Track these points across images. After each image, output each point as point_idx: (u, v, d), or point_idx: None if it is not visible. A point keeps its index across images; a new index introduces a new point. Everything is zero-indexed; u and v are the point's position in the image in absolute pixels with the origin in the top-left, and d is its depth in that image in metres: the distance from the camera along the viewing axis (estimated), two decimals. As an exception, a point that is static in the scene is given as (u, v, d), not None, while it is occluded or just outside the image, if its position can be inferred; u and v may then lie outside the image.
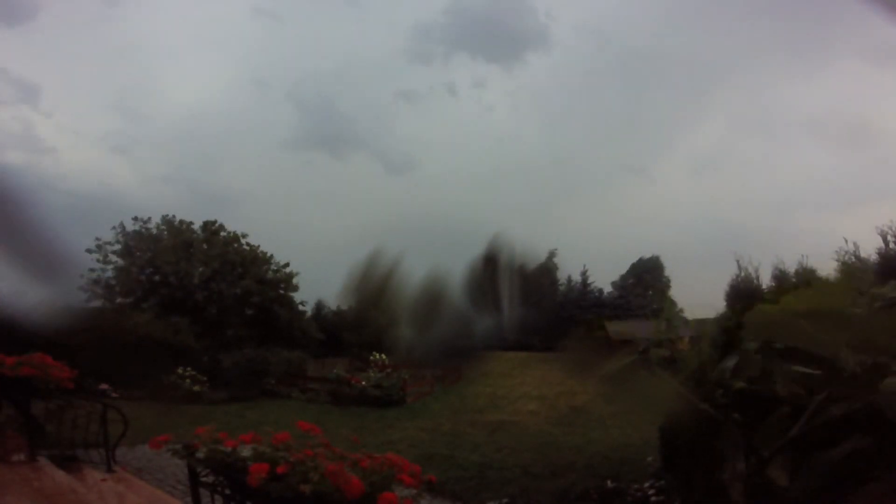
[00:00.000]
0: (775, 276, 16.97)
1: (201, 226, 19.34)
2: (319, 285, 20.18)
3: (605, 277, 36.74)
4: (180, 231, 18.76)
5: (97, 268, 17.20)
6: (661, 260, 36.22)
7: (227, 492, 2.22)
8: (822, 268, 16.62)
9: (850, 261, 16.01)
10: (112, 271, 17.50)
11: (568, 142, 37.84)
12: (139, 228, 18.32)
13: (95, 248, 17.29)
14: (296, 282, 20.29)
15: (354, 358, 18.17)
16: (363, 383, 13.72)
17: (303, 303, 21.28)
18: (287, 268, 20.30)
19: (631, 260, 37.21)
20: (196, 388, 13.34)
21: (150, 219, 18.58)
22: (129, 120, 32.90)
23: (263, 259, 19.90)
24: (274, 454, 1.98)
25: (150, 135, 33.02)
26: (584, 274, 36.47)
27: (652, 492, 4.77)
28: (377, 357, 15.77)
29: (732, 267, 20.58)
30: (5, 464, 4.16)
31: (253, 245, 19.88)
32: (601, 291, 37.02)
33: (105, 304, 16.96)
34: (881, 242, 15.69)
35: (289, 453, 1.99)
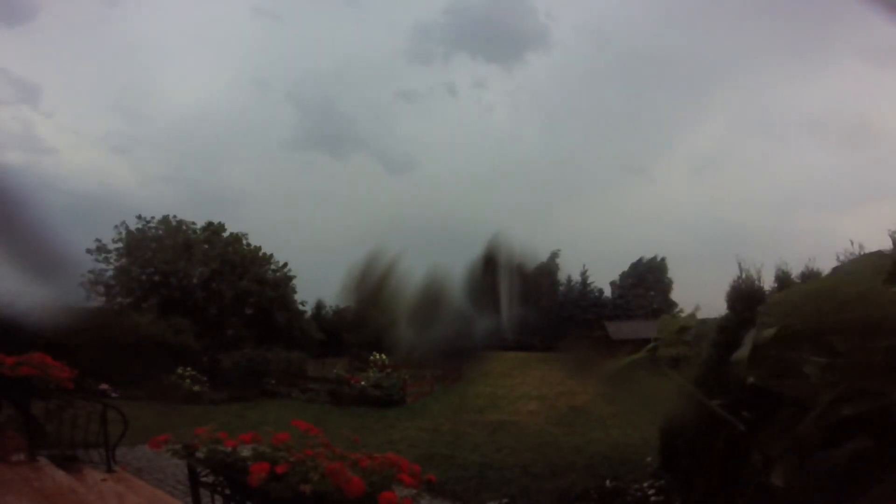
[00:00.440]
0: (778, 278, 16.89)
1: (203, 226, 19.36)
2: (319, 285, 20.20)
3: (605, 277, 36.77)
4: (181, 231, 18.77)
5: (97, 268, 17.25)
6: (665, 261, 36.22)
7: (227, 492, 2.22)
8: (825, 270, 16.55)
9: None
10: (112, 271, 17.52)
11: (568, 142, 37.88)
12: (142, 227, 18.35)
13: (95, 250, 17.32)
14: (294, 283, 20.33)
15: (354, 358, 18.15)
16: (363, 383, 13.72)
17: (303, 303, 21.33)
18: (286, 268, 20.34)
19: (631, 260, 37.24)
20: (196, 388, 13.34)
21: (153, 218, 18.64)
22: (130, 120, 32.93)
23: (263, 259, 19.92)
24: (274, 454, 1.98)
25: (151, 135, 33.05)
26: (584, 274, 36.51)
27: (652, 492, 4.77)
28: (377, 357, 15.76)
29: (733, 267, 20.49)
30: (5, 464, 4.15)
31: (254, 246, 19.91)
32: (601, 291, 37.05)
33: (105, 304, 16.98)
34: (889, 244, 15.51)
35: (289, 453, 1.99)
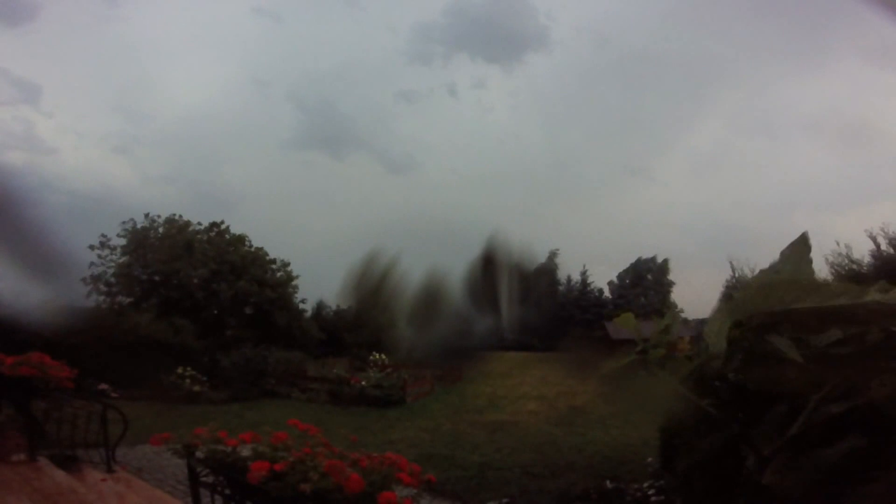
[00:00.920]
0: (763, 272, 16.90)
1: (207, 227, 19.36)
2: (319, 285, 20.24)
3: (605, 277, 36.77)
4: (185, 231, 18.77)
5: (99, 263, 17.26)
6: (667, 262, 36.22)
7: (227, 491, 2.22)
8: (818, 269, 16.57)
9: (843, 263, 15.98)
10: (114, 269, 17.52)
11: (568, 142, 37.86)
12: (148, 226, 18.34)
13: (99, 245, 17.34)
14: (295, 283, 20.34)
15: (354, 358, 18.16)
16: (363, 383, 13.72)
17: (303, 301, 21.34)
18: (288, 268, 20.35)
19: (631, 260, 37.28)
20: (196, 388, 13.33)
21: (159, 216, 18.67)
22: (130, 120, 32.97)
23: (263, 260, 19.91)
24: (273, 454, 1.99)
25: (151, 135, 33.07)
26: (583, 274, 36.53)
27: (652, 492, 4.78)
28: (377, 357, 15.76)
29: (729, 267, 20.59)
30: (5, 464, 4.16)
31: (256, 248, 19.90)
32: (601, 291, 37.06)
33: (105, 304, 16.98)
34: (873, 245, 15.64)
35: (288, 453, 1.99)
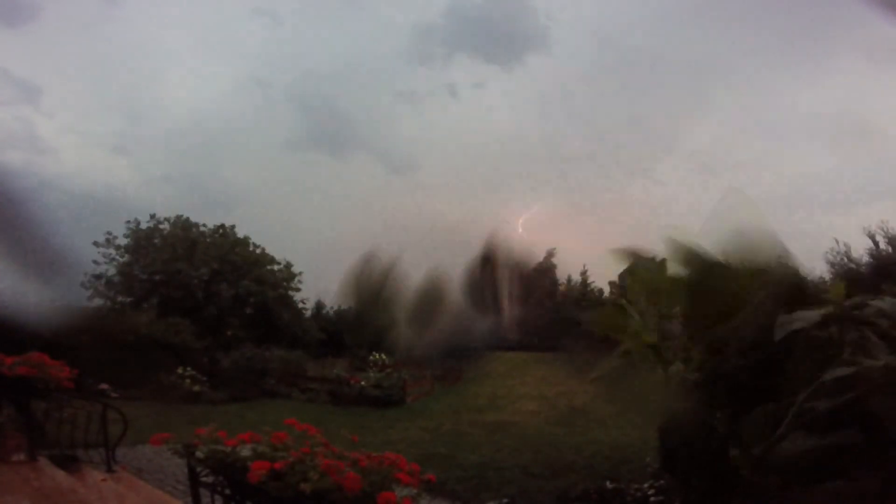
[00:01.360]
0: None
1: (213, 229, 19.31)
2: (319, 285, 20.16)
3: (605, 277, 36.70)
4: (190, 232, 18.74)
5: (102, 262, 17.22)
6: (665, 262, 36.17)
7: (227, 491, 2.22)
8: (817, 268, 16.59)
9: (842, 262, 15.95)
10: (115, 268, 17.50)
11: (568, 142, 37.83)
12: (153, 226, 18.30)
13: (105, 243, 17.28)
14: (297, 281, 20.31)
15: (354, 358, 18.14)
16: (363, 383, 13.71)
17: (303, 302, 21.31)
18: (290, 268, 20.30)
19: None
20: (196, 388, 13.31)
21: (166, 220, 18.59)
22: (130, 120, 32.82)
23: (265, 260, 19.88)
24: (273, 454, 1.99)
25: (151, 135, 32.94)
26: (583, 274, 36.48)
27: (652, 492, 4.77)
28: (377, 357, 15.75)
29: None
30: (5, 464, 4.15)
31: (260, 251, 19.86)
32: (601, 291, 37.00)
33: (106, 303, 16.96)
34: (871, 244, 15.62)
35: (288, 453, 1.99)
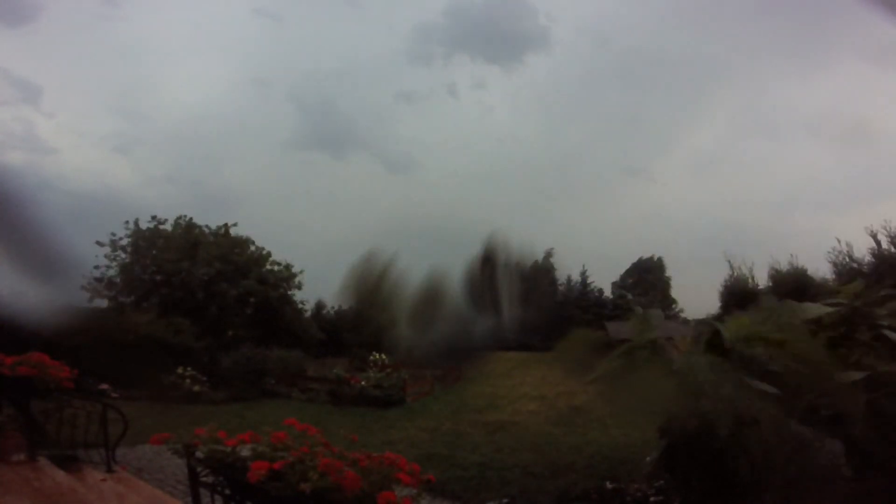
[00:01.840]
0: (771, 276, 16.97)
1: (215, 229, 19.30)
2: (319, 285, 20.18)
3: (605, 277, 36.70)
4: (192, 232, 18.73)
5: (102, 264, 17.21)
6: (662, 261, 36.20)
7: (227, 491, 2.22)
8: (817, 268, 16.61)
9: (844, 261, 15.99)
10: (116, 269, 17.49)
11: (568, 142, 37.83)
12: (154, 227, 18.29)
13: (109, 243, 17.28)
14: (299, 280, 20.33)
15: (354, 358, 18.15)
16: (363, 383, 13.71)
17: (303, 302, 21.33)
18: (291, 268, 20.32)
19: (631, 260, 37.21)
20: (196, 388, 13.32)
21: (166, 220, 18.60)
22: (131, 120, 32.86)
23: (265, 260, 19.89)
24: (273, 454, 1.99)
25: (151, 135, 32.96)
26: (583, 274, 36.48)
27: (651, 492, 4.78)
28: (377, 357, 15.75)
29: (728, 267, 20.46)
30: (5, 464, 4.16)
31: (263, 252, 19.87)
32: (601, 291, 37.01)
33: (106, 303, 16.95)
34: (874, 243, 15.67)
35: (288, 453, 2.00)
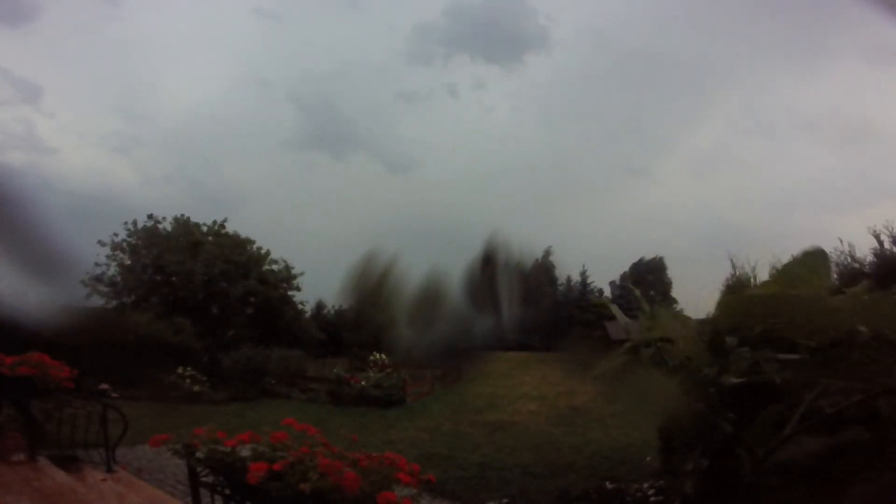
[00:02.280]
0: (772, 276, 16.94)
1: (210, 225, 19.32)
2: (319, 285, 20.21)
3: (605, 277, 36.75)
4: (189, 230, 18.72)
5: (103, 263, 17.20)
6: (663, 261, 36.22)
7: (227, 492, 2.22)
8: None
9: (846, 261, 15.98)
10: (116, 269, 17.49)
11: (568, 142, 37.86)
12: (151, 226, 18.28)
13: (111, 244, 17.27)
14: (298, 282, 20.34)
15: (354, 358, 18.15)
16: (363, 383, 13.71)
17: (303, 302, 21.35)
18: (292, 268, 20.34)
19: (631, 260, 37.24)
20: (196, 388, 13.33)
21: (164, 218, 18.59)
22: (131, 120, 32.97)
23: (265, 259, 19.90)
24: (272, 454, 1.99)
25: (152, 135, 33.07)
26: (583, 274, 36.53)
27: (651, 492, 4.78)
28: (377, 357, 15.75)
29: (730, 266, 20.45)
30: (5, 464, 4.16)
31: (263, 251, 19.89)
32: (601, 291, 37.05)
33: (107, 303, 16.95)
34: (876, 243, 15.65)
35: (287, 453, 2.00)
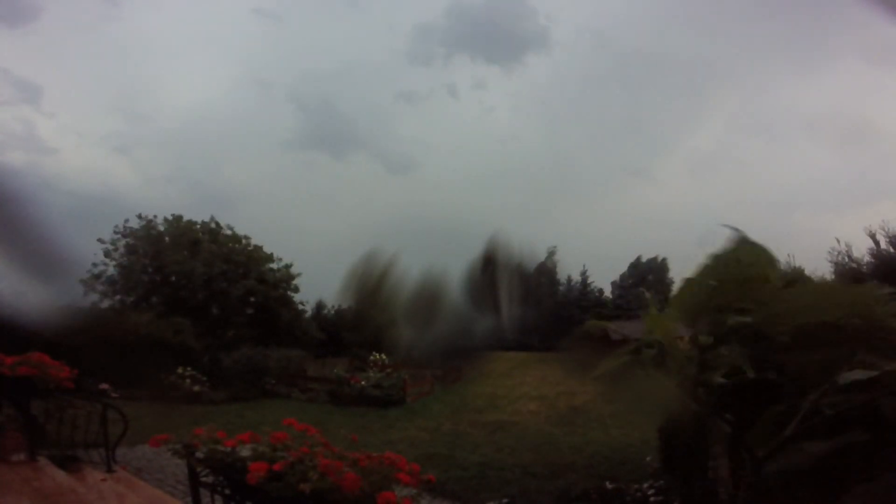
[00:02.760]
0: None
1: (204, 223, 19.34)
2: (319, 285, 20.22)
3: (605, 277, 36.73)
4: (187, 230, 18.74)
5: (101, 262, 17.23)
6: (666, 261, 36.21)
7: (227, 492, 2.22)
8: (817, 268, 16.62)
9: (843, 261, 16.00)
10: (115, 269, 17.50)
11: (568, 142, 37.84)
12: (144, 226, 18.29)
13: (109, 242, 17.33)
14: (297, 282, 20.35)
15: (354, 358, 18.15)
16: (363, 383, 13.72)
17: (303, 303, 21.35)
18: (290, 267, 20.35)
19: (631, 260, 37.22)
20: (196, 388, 13.34)
21: (154, 217, 18.58)
22: (131, 120, 32.93)
23: (264, 259, 19.91)
24: (272, 454, 1.99)
25: (152, 135, 33.02)
26: (583, 274, 36.51)
27: (651, 492, 4.78)
28: (377, 357, 15.76)
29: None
30: (5, 464, 4.16)
31: (257, 245, 19.90)
32: (601, 291, 37.03)
33: (106, 303, 16.97)
34: (872, 243, 15.69)
35: (287, 453, 2.00)
